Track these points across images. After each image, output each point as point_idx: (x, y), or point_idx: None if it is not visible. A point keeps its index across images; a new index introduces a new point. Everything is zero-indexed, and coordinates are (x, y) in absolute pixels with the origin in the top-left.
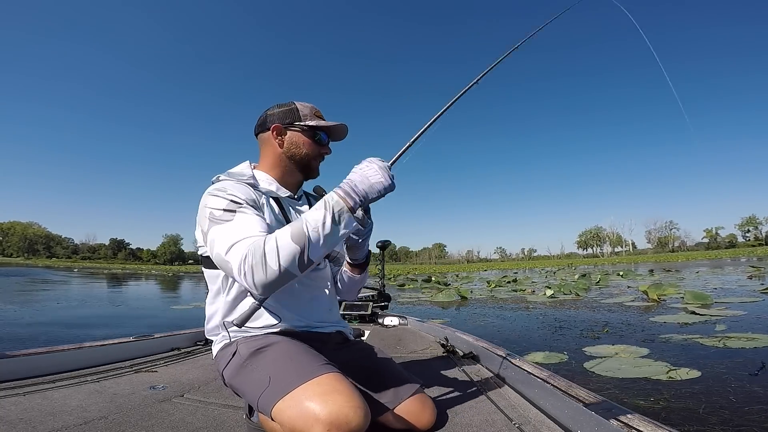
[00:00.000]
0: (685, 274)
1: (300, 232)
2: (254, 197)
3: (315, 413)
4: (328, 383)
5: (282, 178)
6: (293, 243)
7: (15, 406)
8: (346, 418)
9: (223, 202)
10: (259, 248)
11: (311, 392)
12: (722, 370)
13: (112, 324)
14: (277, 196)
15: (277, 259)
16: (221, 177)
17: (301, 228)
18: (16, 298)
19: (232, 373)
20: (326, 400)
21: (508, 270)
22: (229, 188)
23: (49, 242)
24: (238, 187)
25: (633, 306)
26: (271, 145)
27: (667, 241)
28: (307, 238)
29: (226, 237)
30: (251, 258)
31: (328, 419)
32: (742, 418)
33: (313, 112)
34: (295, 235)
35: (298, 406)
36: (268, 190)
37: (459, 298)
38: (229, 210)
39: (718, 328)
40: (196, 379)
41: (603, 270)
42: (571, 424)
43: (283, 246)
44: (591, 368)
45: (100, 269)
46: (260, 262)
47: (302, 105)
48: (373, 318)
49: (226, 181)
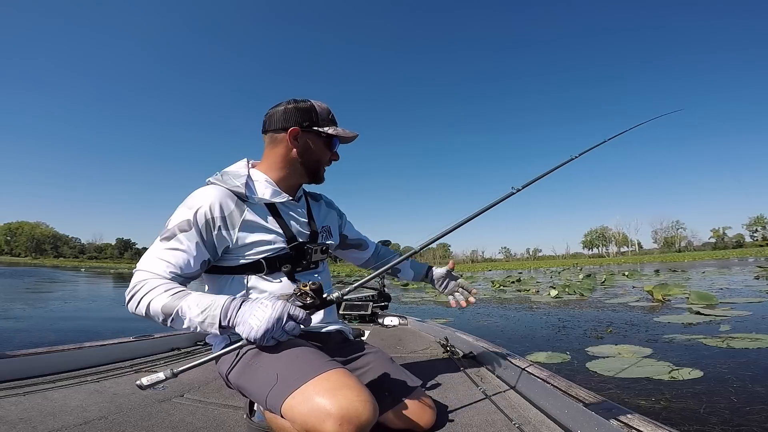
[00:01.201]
0: (692, 274)
1: (170, 310)
2: (225, 215)
3: (326, 408)
4: (336, 379)
5: (284, 181)
6: (161, 312)
7: (15, 406)
8: (356, 412)
9: (178, 219)
10: (143, 291)
11: (320, 388)
12: (724, 371)
13: (113, 324)
14: (271, 202)
15: (145, 310)
16: (212, 180)
17: (173, 307)
18: (28, 297)
19: (238, 373)
20: (336, 396)
21: (512, 270)
22: (198, 204)
23: (56, 242)
24: (213, 203)
25: (637, 306)
26: (284, 146)
27: (673, 241)
28: (174, 316)
29: (148, 254)
30: (135, 292)
31: (339, 414)
32: (742, 418)
33: (328, 115)
34: (166, 307)
35: (308, 402)
36: (260, 198)
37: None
38: (173, 231)
39: (722, 328)
40: (196, 379)
41: (608, 270)
42: (571, 424)
43: (154, 309)
44: (593, 368)
45: (106, 269)
46: (135, 302)
47: (320, 106)
48: (373, 318)
49: (207, 193)
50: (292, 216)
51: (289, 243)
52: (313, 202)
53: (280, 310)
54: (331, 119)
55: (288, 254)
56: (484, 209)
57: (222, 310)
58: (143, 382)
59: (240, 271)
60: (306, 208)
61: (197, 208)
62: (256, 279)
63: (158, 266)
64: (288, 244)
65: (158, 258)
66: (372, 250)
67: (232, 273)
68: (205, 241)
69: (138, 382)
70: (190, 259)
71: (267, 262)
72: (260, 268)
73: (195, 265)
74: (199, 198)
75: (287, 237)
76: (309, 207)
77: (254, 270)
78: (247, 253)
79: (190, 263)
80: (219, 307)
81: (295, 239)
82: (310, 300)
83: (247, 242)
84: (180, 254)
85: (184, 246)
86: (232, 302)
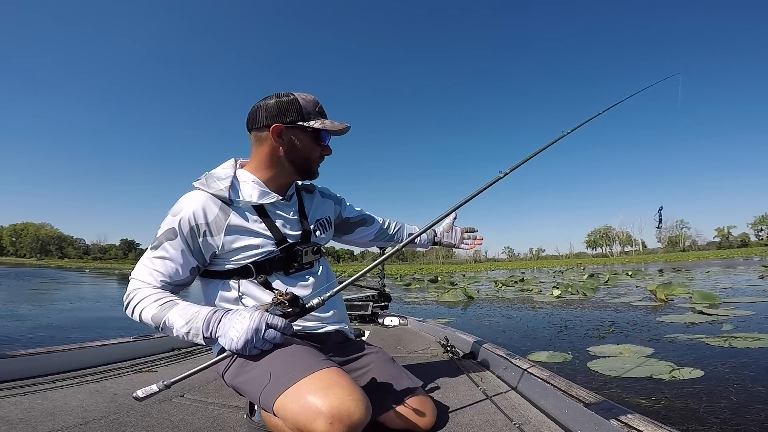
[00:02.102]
0: (696, 273)
1: (158, 321)
2: (209, 221)
3: (317, 407)
4: (328, 377)
5: (274, 180)
6: (151, 321)
7: (15, 406)
8: (348, 410)
9: (164, 227)
10: (135, 300)
11: (312, 386)
12: (725, 370)
13: (119, 323)
14: (259, 204)
15: (139, 319)
16: (196, 185)
17: (161, 318)
18: (35, 298)
19: (234, 373)
20: (328, 394)
21: (515, 270)
22: (181, 212)
23: (60, 243)
24: (197, 210)
25: (640, 306)
26: (269, 145)
27: (677, 241)
28: (162, 325)
29: (139, 264)
30: (129, 301)
31: (330, 412)
32: (741, 417)
33: (315, 107)
34: (155, 318)
35: (300, 401)
36: (245, 201)
37: (465, 297)
38: (159, 240)
39: (724, 328)
40: (196, 379)
41: (612, 270)
42: (571, 424)
43: (145, 318)
44: (594, 368)
45: (111, 269)
46: (130, 310)
47: (304, 99)
48: (373, 318)
49: (191, 200)
50: (281, 216)
51: (278, 245)
52: (307, 194)
53: (257, 320)
54: (319, 111)
55: (278, 257)
56: (473, 195)
57: (204, 323)
58: (139, 394)
59: (229, 276)
60: (298, 205)
61: (180, 216)
62: (246, 283)
63: (148, 276)
64: (278, 246)
65: (148, 267)
66: (378, 224)
67: (222, 278)
68: (192, 249)
69: (134, 394)
70: (178, 267)
71: (256, 267)
72: (249, 272)
73: (183, 272)
74: (182, 205)
75: (276, 239)
76: (302, 203)
77: (243, 275)
78: (235, 258)
79: (179, 271)
80: (201, 320)
81: (285, 241)
82: (289, 309)
83: (234, 247)
84: (168, 263)
85: (170, 255)
86: (214, 314)
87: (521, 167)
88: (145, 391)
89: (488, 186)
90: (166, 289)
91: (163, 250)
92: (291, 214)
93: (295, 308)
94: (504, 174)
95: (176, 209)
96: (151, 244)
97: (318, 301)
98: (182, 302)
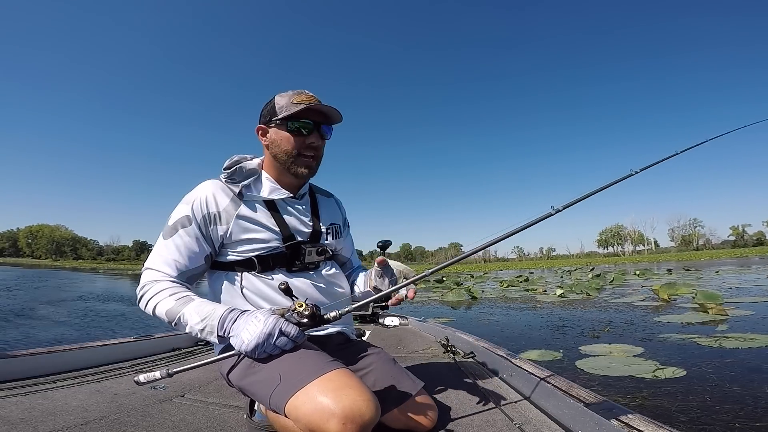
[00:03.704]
0: (705, 273)
1: (173, 315)
2: (219, 209)
3: (330, 408)
4: (339, 378)
5: (279, 179)
6: (165, 316)
7: (16, 406)
8: (359, 411)
9: (179, 214)
10: (150, 293)
11: (324, 387)
12: (708, 370)
13: (117, 322)
14: (271, 200)
15: (153, 312)
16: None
17: (176, 313)
18: (55, 297)
19: (240, 374)
20: (339, 395)
21: (524, 269)
22: (194, 198)
23: (75, 244)
24: (209, 196)
25: (641, 306)
26: (263, 146)
27: (691, 239)
28: (177, 321)
29: (154, 254)
30: (143, 293)
31: (343, 413)
32: (710, 417)
33: (291, 100)
34: (170, 312)
35: (312, 402)
36: (258, 194)
37: (469, 297)
38: (174, 227)
39: (719, 328)
40: (196, 379)
41: (621, 269)
42: (571, 424)
43: (159, 312)
44: (581, 366)
45: (124, 270)
46: (144, 302)
47: (281, 96)
48: (373, 318)
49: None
50: (292, 213)
51: (285, 241)
52: (323, 198)
53: (271, 326)
54: (295, 103)
55: (282, 253)
56: (520, 228)
57: (219, 321)
58: (140, 379)
59: (232, 267)
60: (311, 206)
61: (194, 203)
62: (249, 276)
63: (163, 264)
64: (284, 242)
65: (163, 255)
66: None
67: (225, 269)
68: (205, 235)
69: (135, 378)
70: (194, 254)
71: (259, 260)
72: (252, 265)
73: (199, 259)
74: (196, 193)
75: (284, 235)
76: (316, 204)
77: (247, 267)
78: (240, 250)
79: (195, 258)
80: (217, 318)
81: (293, 238)
82: (305, 320)
83: (241, 238)
84: (183, 250)
85: (185, 241)
86: (230, 314)
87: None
88: (147, 377)
89: (538, 221)
90: (181, 278)
91: (179, 237)
92: (302, 212)
93: (312, 320)
94: (556, 211)
95: (189, 197)
96: (163, 232)
97: (335, 314)
98: (198, 298)
